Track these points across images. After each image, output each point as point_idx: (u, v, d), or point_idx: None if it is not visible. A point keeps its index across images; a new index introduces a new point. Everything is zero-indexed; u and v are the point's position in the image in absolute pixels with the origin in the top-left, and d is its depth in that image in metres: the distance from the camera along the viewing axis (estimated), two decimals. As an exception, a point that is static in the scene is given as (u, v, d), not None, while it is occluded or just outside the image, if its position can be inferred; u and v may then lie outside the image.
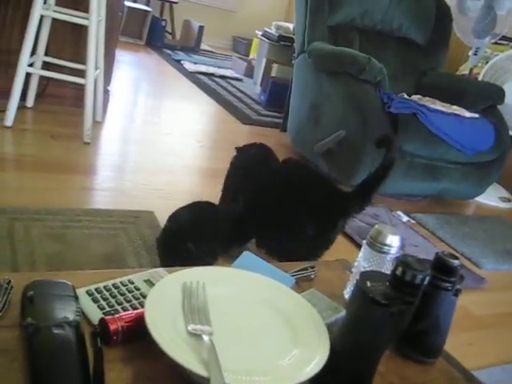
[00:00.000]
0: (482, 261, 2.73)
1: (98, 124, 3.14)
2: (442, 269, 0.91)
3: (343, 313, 0.97)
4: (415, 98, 3.36)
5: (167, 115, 3.87)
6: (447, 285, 0.91)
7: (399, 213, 3.03)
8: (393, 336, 0.87)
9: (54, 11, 2.77)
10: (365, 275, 0.85)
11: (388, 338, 0.86)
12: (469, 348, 1.97)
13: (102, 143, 2.96)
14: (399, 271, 0.81)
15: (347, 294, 1.10)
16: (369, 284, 0.82)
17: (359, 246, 2.32)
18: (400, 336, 0.93)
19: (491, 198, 3.73)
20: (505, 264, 2.79)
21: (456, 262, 0.90)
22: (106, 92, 3.32)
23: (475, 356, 1.93)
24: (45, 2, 2.75)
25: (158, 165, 2.85)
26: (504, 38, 3.93)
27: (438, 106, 3.20)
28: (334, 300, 1.05)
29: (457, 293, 0.94)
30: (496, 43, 3.83)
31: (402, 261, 0.82)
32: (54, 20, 2.83)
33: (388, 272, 0.90)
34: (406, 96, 3.32)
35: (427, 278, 0.81)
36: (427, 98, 3.32)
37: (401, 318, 0.82)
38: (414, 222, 3.01)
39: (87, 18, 2.69)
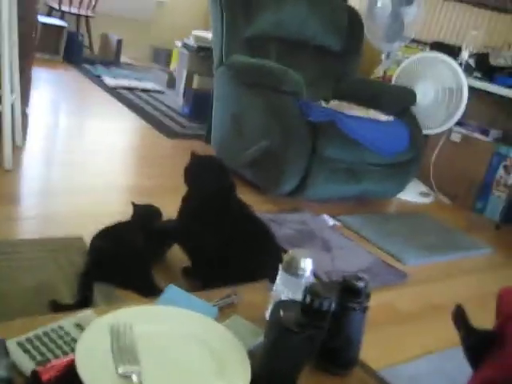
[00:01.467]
0: (404, 256, 2.89)
1: (18, 149, 3.11)
2: (350, 291, 1.01)
3: (262, 338, 1.05)
4: (333, 103, 3.50)
5: (90, 134, 3.85)
6: (355, 305, 1.01)
7: (325, 216, 3.15)
8: (308, 356, 0.96)
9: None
10: (279, 305, 0.94)
11: (304, 359, 0.96)
12: (395, 343, 2.11)
13: (24, 169, 2.93)
14: (308, 299, 0.91)
15: (268, 316, 1.18)
16: (282, 313, 0.91)
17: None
18: (317, 353, 1.03)
19: (412, 194, 3.93)
20: (426, 257, 2.97)
21: (361, 284, 1.00)
22: (25, 115, 3.29)
23: (402, 350, 2.07)
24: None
25: (84, 186, 2.85)
26: (414, 40, 4.16)
27: (355, 110, 3.35)
28: (257, 323, 1.13)
29: (365, 310, 1.04)
30: (406, 46, 4.05)
31: (310, 289, 0.91)
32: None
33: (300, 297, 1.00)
34: (324, 104, 3.46)
35: (333, 305, 0.91)
36: (345, 104, 3.46)
37: (313, 341, 0.92)
38: (339, 224, 3.14)
39: (-1, 45, 2.66)
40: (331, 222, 3.12)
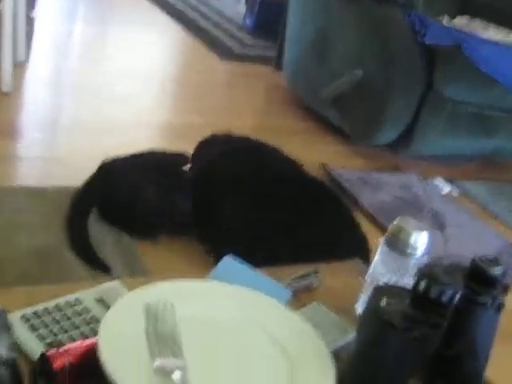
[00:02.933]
0: (549, 245, 2.83)
1: (20, 66, 3.17)
2: (480, 279, 0.98)
3: (354, 335, 1.05)
4: (460, 21, 3.41)
5: (116, 50, 3.89)
6: (487, 299, 0.99)
7: (437, 181, 3.11)
8: (416, 365, 0.96)
9: None
10: (379, 291, 0.93)
11: (410, 368, 0.95)
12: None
13: (27, 92, 3.00)
14: (422, 286, 0.89)
15: (360, 308, 1.18)
16: (384, 302, 0.91)
17: (383, 230, 2.40)
18: (427, 363, 1.02)
19: None
20: None
21: (497, 271, 0.98)
22: (30, 21, 3.34)
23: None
24: None
25: (104, 121, 2.89)
26: None
27: (492, 32, 3.26)
28: (343, 317, 1.13)
29: (499, 307, 1.02)
30: None
31: (425, 273, 0.90)
32: None
33: (411, 283, 0.99)
34: (446, 21, 3.37)
35: (458, 295, 0.89)
36: (477, 23, 3.37)
37: (425, 344, 0.91)
38: (457, 193, 3.09)
39: None
40: (446, 188, 3.08)
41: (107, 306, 1.02)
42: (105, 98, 3.15)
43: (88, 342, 0.92)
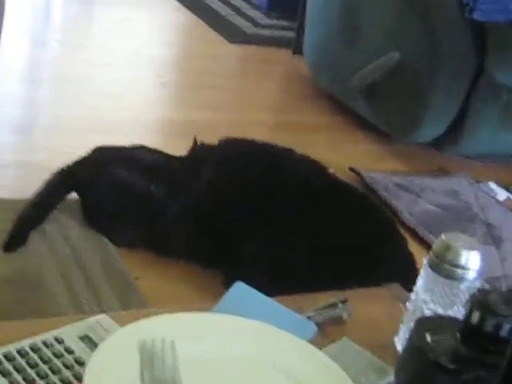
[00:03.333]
0: None
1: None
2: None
3: (393, 377, 1.04)
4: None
5: (103, 32, 3.90)
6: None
7: (492, 185, 3.10)
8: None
9: None
10: (423, 323, 0.92)
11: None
12: None
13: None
14: (476, 318, 0.88)
15: (399, 344, 1.17)
16: (429, 338, 0.89)
17: (426, 247, 2.39)
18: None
19: None
20: None
21: None
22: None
23: None
24: None
25: (90, 119, 2.90)
26: None
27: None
28: (380, 355, 1.12)
29: None
30: None
31: (480, 300, 0.89)
32: None
33: (461, 313, 0.97)
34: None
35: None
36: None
37: (481, 390, 0.89)
38: (517, 200, 3.08)
39: None
40: (502, 194, 3.07)
41: (94, 346, 1.01)
42: (90, 91, 3.15)
43: (71, 389, 0.92)
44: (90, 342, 1.03)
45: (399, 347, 1.17)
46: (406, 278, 1.59)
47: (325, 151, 2.47)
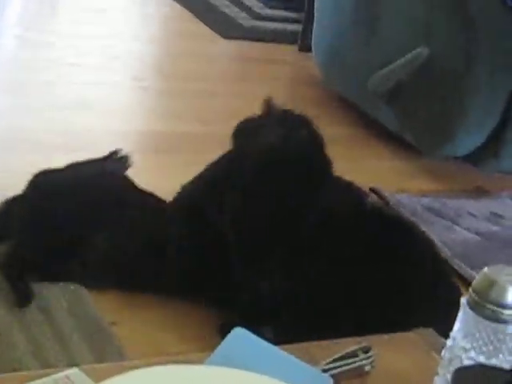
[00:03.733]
0: None
1: None
2: None
3: None
4: None
5: (71, 26, 3.91)
6: None
7: (542, 208, 3.10)
8: None
9: None
10: (463, 374, 0.91)
11: None
12: None
13: None
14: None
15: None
16: (470, 393, 0.88)
17: (465, 283, 2.38)
18: None
19: None
20: None
21: None
22: None
23: None
24: None
25: (53, 132, 2.89)
26: None
27: None
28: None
29: None
30: None
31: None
32: None
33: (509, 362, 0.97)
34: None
35: None
36: None
37: None
38: None
39: None
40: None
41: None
42: (54, 98, 3.16)
43: None
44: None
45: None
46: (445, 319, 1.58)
47: (342, 169, 2.46)
